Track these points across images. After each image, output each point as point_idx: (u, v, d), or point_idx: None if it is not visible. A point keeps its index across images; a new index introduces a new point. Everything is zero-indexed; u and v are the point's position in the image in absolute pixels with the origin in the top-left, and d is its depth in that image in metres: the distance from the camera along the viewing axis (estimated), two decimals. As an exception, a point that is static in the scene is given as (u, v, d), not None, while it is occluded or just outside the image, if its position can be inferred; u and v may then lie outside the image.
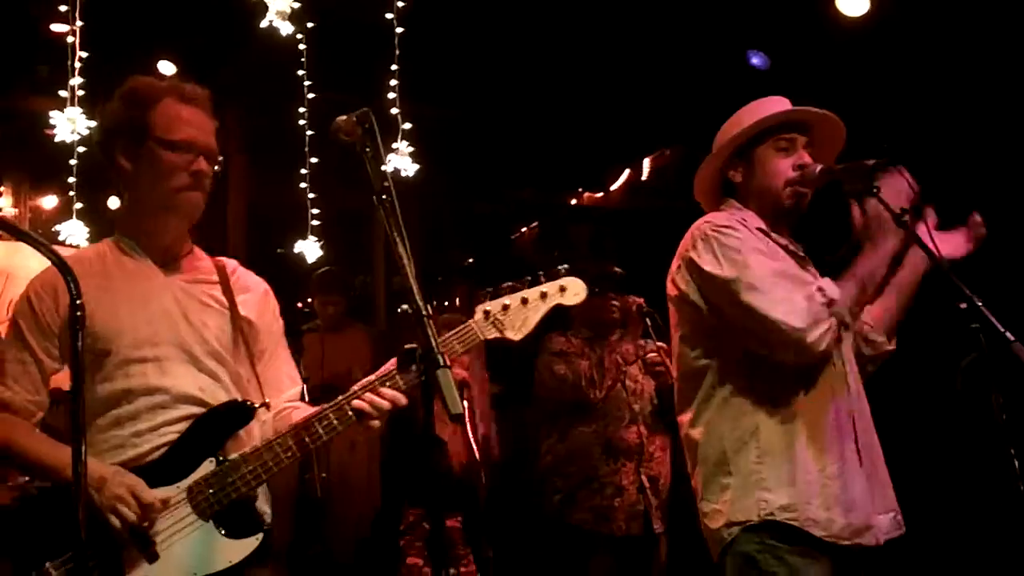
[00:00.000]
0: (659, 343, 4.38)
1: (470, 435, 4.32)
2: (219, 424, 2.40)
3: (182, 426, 2.37)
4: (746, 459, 2.57)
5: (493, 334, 2.43)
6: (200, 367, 2.43)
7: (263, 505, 2.46)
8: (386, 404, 2.34)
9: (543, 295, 2.46)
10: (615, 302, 4.56)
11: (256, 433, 2.48)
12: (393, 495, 4.79)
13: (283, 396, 2.61)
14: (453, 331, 2.41)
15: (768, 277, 2.54)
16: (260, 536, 2.35)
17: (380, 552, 4.59)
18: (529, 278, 2.49)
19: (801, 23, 5.60)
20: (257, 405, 2.45)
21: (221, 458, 2.36)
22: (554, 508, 4.41)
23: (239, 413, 2.43)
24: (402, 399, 2.35)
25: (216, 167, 2.49)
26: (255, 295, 2.62)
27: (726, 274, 2.56)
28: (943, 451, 5.09)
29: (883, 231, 2.52)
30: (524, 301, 2.45)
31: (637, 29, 5.89)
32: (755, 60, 6.10)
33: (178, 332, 2.43)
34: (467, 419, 4.39)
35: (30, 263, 7.43)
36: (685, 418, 2.74)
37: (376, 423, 2.36)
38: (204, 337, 2.45)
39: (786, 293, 2.52)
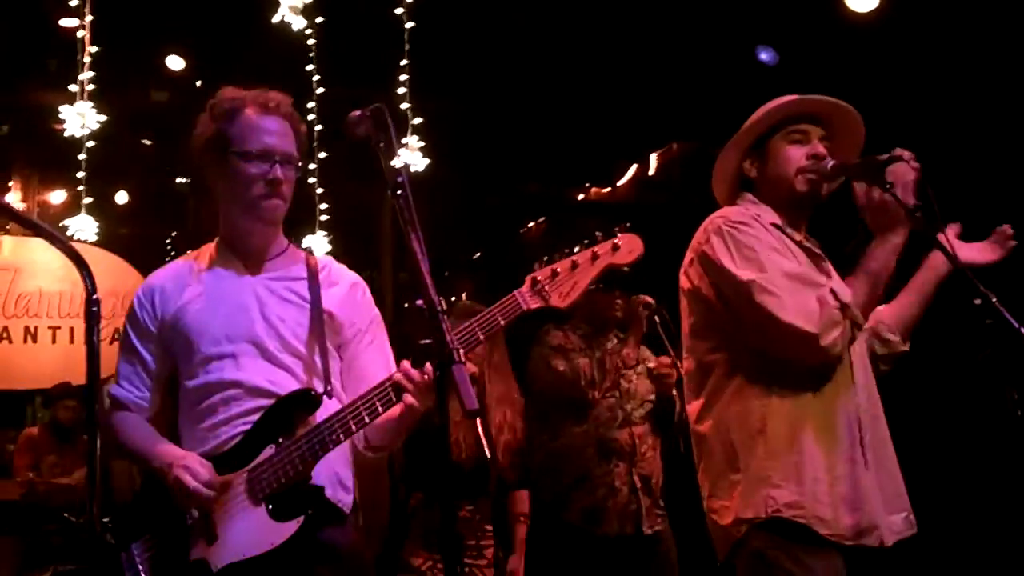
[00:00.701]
0: (664, 358, 4.36)
1: (480, 430, 4.30)
2: (286, 412, 2.45)
3: (255, 417, 2.45)
4: (755, 455, 2.55)
5: (537, 303, 2.39)
6: (273, 360, 2.51)
7: (337, 493, 2.50)
8: (417, 376, 2.34)
9: (594, 256, 2.41)
10: (619, 300, 4.52)
11: None
12: (399, 487, 4.76)
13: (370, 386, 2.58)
14: (497, 304, 2.38)
15: (782, 279, 2.53)
16: (301, 519, 2.36)
17: (388, 546, 4.58)
18: (586, 241, 2.43)
19: (810, 18, 5.59)
20: (321, 392, 2.49)
21: (280, 441, 2.42)
22: (547, 507, 4.41)
23: (304, 400, 2.47)
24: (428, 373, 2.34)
25: (296, 172, 2.58)
26: (341, 288, 2.68)
27: (741, 273, 2.55)
28: (959, 447, 5.08)
29: (890, 223, 2.52)
30: (574, 265, 2.40)
31: (646, 24, 5.88)
32: (764, 56, 6.09)
33: (253, 328, 2.52)
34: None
35: (37, 257, 7.49)
36: (693, 411, 2.74)
37: (412, 399, 2.36)
38: (279, 332, 2.53)
39: (799, 296, 2.51)
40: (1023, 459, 2.18)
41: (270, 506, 2.39)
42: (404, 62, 5.04)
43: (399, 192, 2.05)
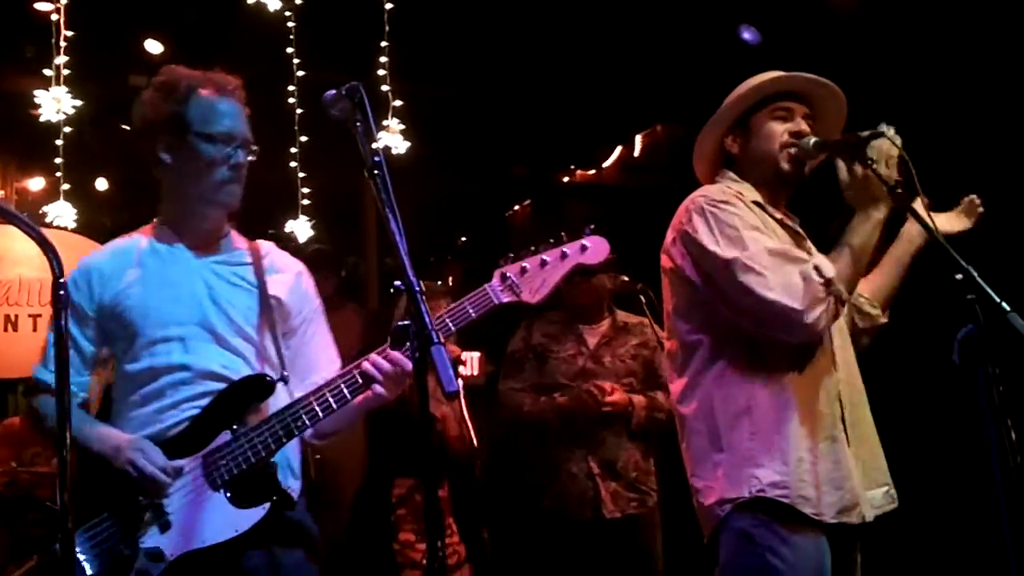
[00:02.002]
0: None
1: (464, 411, 4.30)
2: (238, 398, 2.44)
3: (204, 402, 2.43)
4: (739, 435, 2.56)
5: (508, 297, 2.42)
6: (224, 345, 2.49)
7: (287, 479, 2.48)
8: (387, 366, 2.36)
9: (563, 255, 2.45)
10: (584, 285, 4.52)
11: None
12: (379, 471, 4.77)
13: (319, 375, 2.61)
14: (467, 296, 2.40)
15: (765, 256, 2.52)
16: (267, 506, 2.36)
17: (371, 530, 4.58)
18: (552, 240, 2.47)
19: (793, -3, 5.58)
20: (276, 378, 2.48)
21: (236, 427, 2.40)
22: (523, 493, 4.46)
23: (258, 386, 2.46)
24: (407, 363, 2.35)
25: (252, 156, 2.57)
26: (287, 275, 2.68)
27: (723, 252, 2.54)
28: (939, 423, 5.10)
29: (872, 198, 2.51)
30: (543, 263, 2.43)
31: (629, 5, 5.85)
32: (746, 35, 6.07)
33: (204, 311, 2.50)
34: (461, 396, 4.38)
35: (16, 245, 7.40)
36: (676, 390, 2.73)
37: (381, 389, 2.38)
38: (230, 316, 2.52)
39: (783, 273, 2.50)
40: (1002, 437, 2.17)
41: (228, 493, 2.37)
42: (384, 44, 5.00)
43: (376, 172, 2.03)
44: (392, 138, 4.95)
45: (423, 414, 1.97)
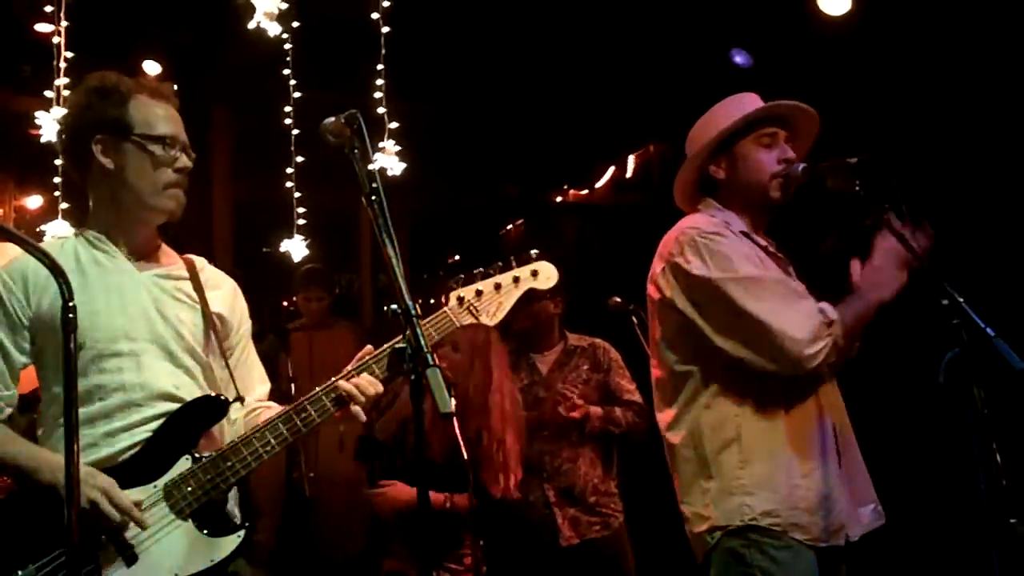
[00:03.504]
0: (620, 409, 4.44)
1: (457, 432, 4.30)
2: (193, 420, 2.35)
3: (156, 424, 2.32)
4: (728, 463, 2.57)
5: (468, 320, 2.43)
6: (176, 363, 2.39)
7: (233, 507, 2.41)
8: (367, 389, 2.34)
9: (515, 279, 2.46)
10: (534, 308, 4.54)
11: (227, 431, 2.44)
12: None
13: (254, 396, 2.59)
14: (427, 318, 2.40)
15: (769, 286, 2.55)
16: (242, 533, 2.30)
17: (369, 550, 4.58)
18: (500, 263, 2.49)
19: (784, 21, 5.64)
20: (231, 400, 2.42)
21: (197, 455, 2.31)
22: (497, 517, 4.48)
23: (213, 408, 2.38)
24: (378, 385, 2.36)
25: (190, 164, 2.47)
26: (224, 291, 2.59)
27: (717, 276, 2.55)
28: (925, 445, 5.14)
29: (888, 283, 2.53)
30: (497, 287, 2.46)
31: (622, 27, 5.91)
32: (738, 58, 6.13)
33: (154, 327, 2.38)
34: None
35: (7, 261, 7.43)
36: (664, 420, 2.74)
37: (358, 409, 2.35)
38: (179, 332, 2.41)
39: (788, 304, 2.52)
40: (988, 458, 2.21)
41: (198, 521, 2.28)
42: (380, 67, 5.04)
43: (373, 198, 2.06)
44: (388, 159, 4.98)
45: (419, 435, 1.99)
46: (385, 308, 2.28)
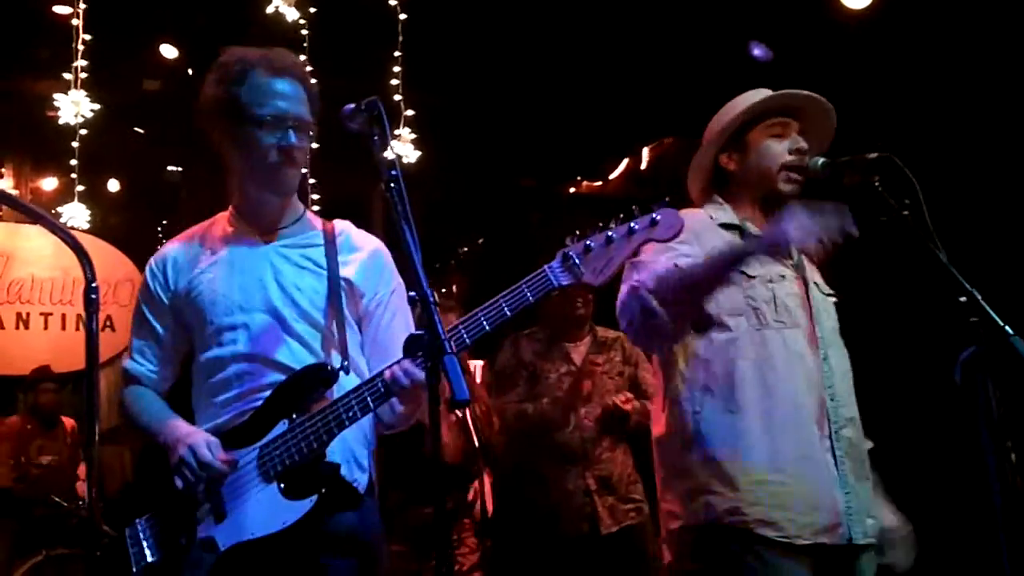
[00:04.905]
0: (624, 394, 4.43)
1: (469, 421, 4.32)
2: (300, 387, 2.36)
3: (267, 393, 2.38)
4: (692, 460, 2.51)
5: (568, 280, 2.24)
6: (290, 332, 2.41)
7: (352, 473, 2.39)
8: (421, 376, 2.22)
9: (630, 231, 2.24)
10: (580, 298, 4.53)
11: None
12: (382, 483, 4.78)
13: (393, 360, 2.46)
14: (525, 279, 2.24)
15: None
16: (314, 498, 2.27)
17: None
18: (622, 215, 2.27)
19: (803, 14, 5.61)
20: (337, 367, 2.38)
21: (294, 417, 2.33)
22: (512, 508, 4.48)
23: (319, 375, 2.37)
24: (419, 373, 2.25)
25: (309, 139, 2.47)
26: (361, 255, 2.55)
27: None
28: (939, 444, 5.12)
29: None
30: (609, 240, 2.24)
31: (639, 19, 5.89)
32: (757, 51, 6.11)
33: (268, 297, 2.42)
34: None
35: (29, 244, 7.48)
36: (654, 413, 2.71)
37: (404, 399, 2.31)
38: (296, 300, 2.43)
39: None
40: (1004, 457, 2.19)
41: (282, 484, 2.30)
42: (397, 54, 5.04)
43: (392, 185, 2.05)
44: (403, 147, 4.99)
45: (435, 426, 1.97)
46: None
